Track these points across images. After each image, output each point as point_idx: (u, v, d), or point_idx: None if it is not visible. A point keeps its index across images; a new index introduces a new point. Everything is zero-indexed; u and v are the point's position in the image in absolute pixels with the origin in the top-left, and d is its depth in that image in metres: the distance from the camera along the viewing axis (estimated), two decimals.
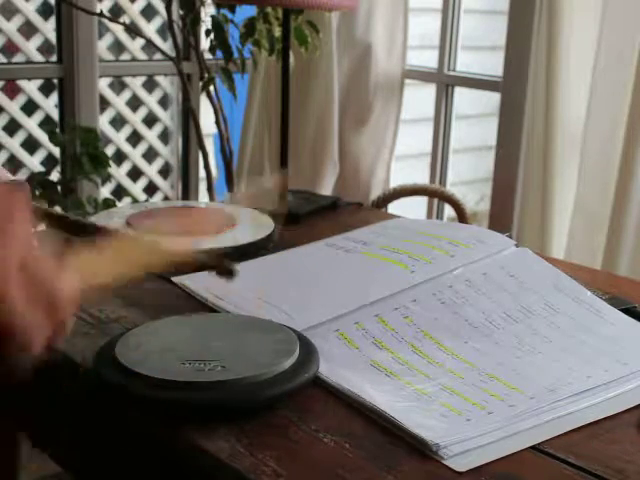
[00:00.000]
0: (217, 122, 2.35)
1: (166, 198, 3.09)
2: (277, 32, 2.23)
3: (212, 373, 0.72)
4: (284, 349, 0.77)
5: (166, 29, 2.74)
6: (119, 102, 2.94)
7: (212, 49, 2.28)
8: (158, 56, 2.78)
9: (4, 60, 2.70)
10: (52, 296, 0.52)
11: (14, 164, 2.78)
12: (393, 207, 2.26)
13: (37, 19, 2.71)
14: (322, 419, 0.72)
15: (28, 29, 2.71)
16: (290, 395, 0.74)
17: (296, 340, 0.79)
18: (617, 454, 0.68)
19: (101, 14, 2.28)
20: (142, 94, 3.00)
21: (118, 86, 2.95)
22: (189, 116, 2.69)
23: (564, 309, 0.93)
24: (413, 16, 2.61)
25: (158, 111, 3.04)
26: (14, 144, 2.75)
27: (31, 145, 2.79)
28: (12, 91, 2.74)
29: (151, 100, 3.02)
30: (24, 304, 0.50)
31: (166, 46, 2.83)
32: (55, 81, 2.68)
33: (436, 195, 2.28)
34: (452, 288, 0.94)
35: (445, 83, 2.54)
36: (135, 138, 3.02)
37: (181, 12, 2.33)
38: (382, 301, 0.91)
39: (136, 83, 2.98)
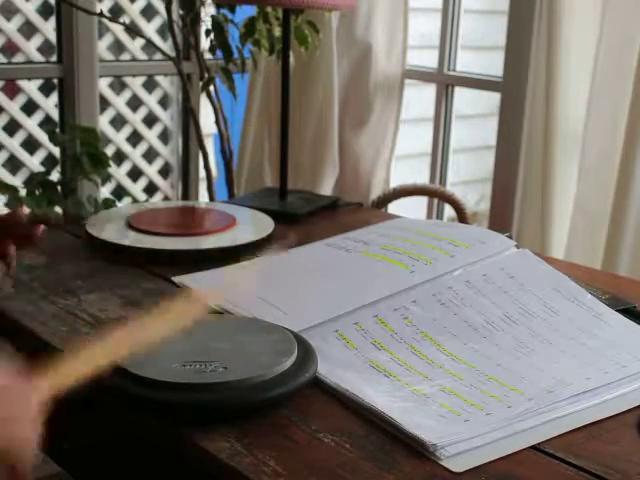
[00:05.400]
0: (217, 122, 2.35)
1: (166, 198, 3.09)
2: (277, 32, 2.23)
3: (214, 374, 0.73)
4: (283, 350, 0.77)
5: (166, 29, 2.74)
6: (119, 102, 2.94)
7: (212, 49, 2.28)
8: (158, 56, 2.78)
9: (4, 60, 2.70)
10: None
11: (14, 164, 2.78)
12: (393, 207, 2.26)
13: (37, 19, 2.71)
14: (322, 419, 0.72)
15: (28, 29, 2.71)
16: (290, 395, 0.74)
17: (294, 340, 0.80)
18: (617, 454, 0.69)
19: (101, 14, 2.28)
20: (142, 94, 3.00)
21: (118, 86, 2.95)
22: (189, 116, 2.69)
23: (564, 311, 0.93)
24: (413, 16, 2.61)
25: (158, 111, 3.04)
26: (14, 144, 2.75)
27: (31, 145, 2.79)
28: (12, 91, 2.74)
29: (151, 100, 3.01)
30: None
31: (166, 46, 2.83)
32: (55, 81, 2.67)
33: (436, 195, 2.28)
34: (452, 289, 0.94)
35: (445, 83, 2.54)
36: (135, 138, 3.02)
37: (181, 12, 2.33)
38: (382, 301, 0.91)
39: (136, 83, 2.98)
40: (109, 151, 2.86)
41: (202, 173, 2.59)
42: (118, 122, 2.97)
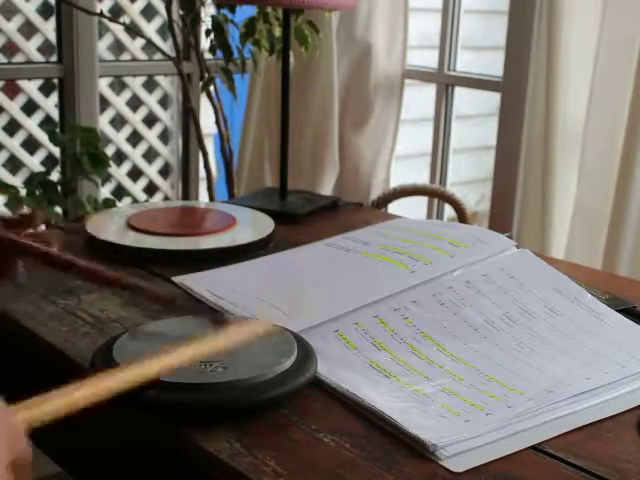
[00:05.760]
0: (217, 122, 2.35)
1: (166, 198, 3.09)
2: (277, 32, 2.23)
3: (214, 374, 0.73)
4: (283, 350, 0.77)
5: (166, 29, 2.74)
6: (119, 102, 2.94)
7: (212, 49, 2.28)
8: (158, 56, 2.78)
9: (4, 60, 2.70)
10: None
11: (14, 164, 2.78)
12: (393, 207, 2.26)
13: (37, 19, 2.71)
14: (322, 419, 0.72)
15: (28, 29, 2.71)
16: (290, 395, 0.74)
17: (293, 340, 0.80)
18: (617, 454, 0.69)
19: (101, 14, 2.28)
20: (142, 94, 3.00)
21: (118, 86, 2.95)
22: (189, 116, 2.69)
23: (564, 311, 0.93)
24: (413, 16, 2.61)
25: (158, 111, 3.04)
26: (14, 144, 2.75)
27: (31, 145, 2.79)
28: (12, 91, 2.74)
29: (151, 100, 3.02)
30: None
31: (166, 46, 2.83)
32: (55, 81, 2.68)
33: (436, 195, 2.28)
34: (452, 289, 0.94)
35: (445, 83, 2.54)
36: (135, 138, 3.02)
37: (181, 12, 2.33)
38: (382, 302, 0.91)
39: (136, 83, 2.98)
40: (109, 151, 2.86)
41: (202, 173, 2.59)
42: (118, 122, 2.97)
